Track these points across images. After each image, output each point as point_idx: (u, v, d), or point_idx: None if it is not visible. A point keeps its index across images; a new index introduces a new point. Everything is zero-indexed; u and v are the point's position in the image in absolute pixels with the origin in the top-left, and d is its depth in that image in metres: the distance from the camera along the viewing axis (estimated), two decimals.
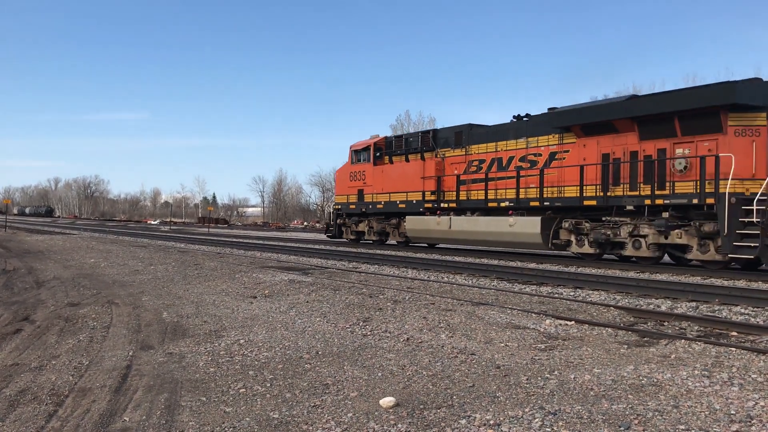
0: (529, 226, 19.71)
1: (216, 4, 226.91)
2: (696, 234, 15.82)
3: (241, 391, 5.70)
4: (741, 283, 13.01)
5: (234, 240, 33.52)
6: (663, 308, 10.20)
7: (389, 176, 26.03)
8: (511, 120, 21.88)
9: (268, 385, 5.87)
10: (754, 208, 14.48)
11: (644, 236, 16.98)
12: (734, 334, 8.16)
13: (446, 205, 23.48)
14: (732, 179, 14.94)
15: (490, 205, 21.64)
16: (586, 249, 18.60)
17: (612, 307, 10.14)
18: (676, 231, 16.21)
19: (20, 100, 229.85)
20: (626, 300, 11.12)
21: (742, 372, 6.01)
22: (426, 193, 24.06)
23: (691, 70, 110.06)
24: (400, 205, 25.24)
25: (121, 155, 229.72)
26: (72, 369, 6.69)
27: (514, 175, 20.75)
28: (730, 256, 15.02)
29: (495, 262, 18.42)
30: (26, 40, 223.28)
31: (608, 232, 17.78)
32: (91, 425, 4.89)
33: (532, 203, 20.06)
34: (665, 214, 16.47)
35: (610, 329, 8.30)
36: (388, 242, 27.11)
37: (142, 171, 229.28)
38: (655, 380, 5.75)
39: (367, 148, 27.31)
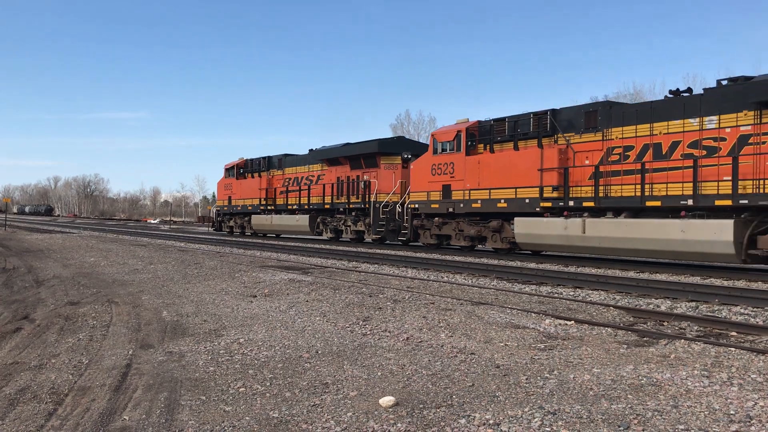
0: (303, 220, 32.09)
1: (216, 3, 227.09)
2: (364, 224, 28.20)
3: (240, 390, 5.70)
4: (741, 284, 13.01)
5: (233, 239, 33.52)
6: (662, 308, 10.20)
7: (244, 188, 38.06)
8: (308, 152, 33.69)
9: (268, 384, 5.87)
10: (380, 209, 26.64)
11: (349, 226, 29.51)
12: (734, 334, 8.17)
13: (271, 208, 35.37)
14: (378, 193, 27.13)
15: (275, 205, 35.07)
16: (329, 234, 31.11)
17: (611, 307, 10.14)
18: (359, 222, 28.66)
19: (20, 99, 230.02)
20: (626, 300, 11.13)
21: (741, 372, 6.01)
22: (260, 198, 35.89)
23: (691, 70, 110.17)
24: (249, 207, 37.19)
25: (120, 154, 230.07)
26: (72, 368, 6.69)
27: (298, 189, 33.14)
28: (373, 237, 27.31)
29: (495, 262, 18.43)
30: (26, 39, 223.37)
31: (335, 224, 30.44)
32: (90, 424, 4.89)
33: (306, 206, 32.19)
34: (353, 213, 29.02)
35: (609, 329, 8.30)
36: (243, 232, 38.72)
37: (141, 170, 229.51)
38: (655, 380, 5.75)
39: (233, 167, 39.20)
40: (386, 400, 5.20)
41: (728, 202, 14.79)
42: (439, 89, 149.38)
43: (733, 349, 7.00)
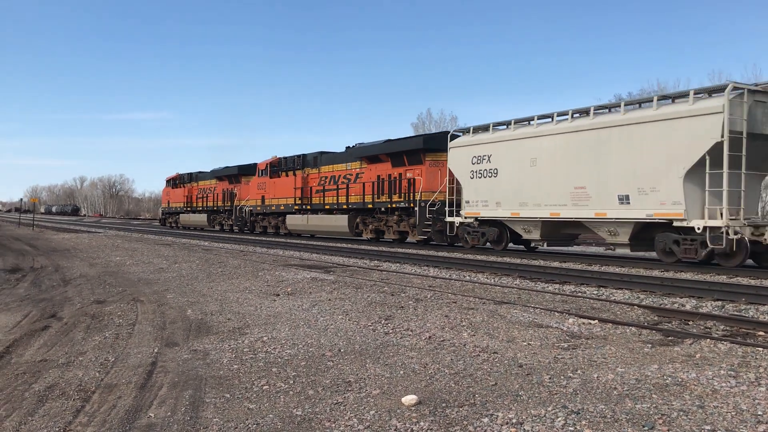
0: (204, 218, 46.68)
1: (237, 2, 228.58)
2: (231, 220, 42.10)
3: (264, 388, 5.74)
4: None
5: (257, 238, 33.72)
6: (688, 307, 10.09)
7: (177, 195, 51.92)
8: (210, 171, 47.60)
9: (291, 382, 5.91)
10: (238, 210, 40.35)
11: (225, 221, 43.85)
12: (761, 333, 8.05)
13: (189, 209, 49.53)
14: (239, 200, 40.70)
15: (192, 207, 49.70)
16: (217, 227, 45.03)
17: (636, 306, 10.06)
18: (230, 219, 42.51)
19: (46, 99, 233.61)
20: (650, 299, 11.02)
21: None
22: (184, 203, 50.10)
23: (716, 66, 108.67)
24: (179, 208, 51.40)
25: (145, 154, 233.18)
26: (98, 365, 6.78)
27: (203, 196, 47.53)
28: (235, 228, 41.12)
29: (518, 261, 18.33)
30: (51, 40, 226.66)
31: (220, 219, 44.99)
32: (117, 421, 4.96)
33: (206, 208, 46.63)
34: (227, 213, 43.13)
35: (633, 328, 8.24)
36: (177, 226, 51.92)
37: (165, 170, 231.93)
38: (680, 380, 5.69)
39: (170, 180, 53.73)
40: (409, 399, 5.21)
41: (345, 206, 29.50)
42: (461, 88, 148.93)
43: (760, 348, 6.91)
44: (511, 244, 21.86)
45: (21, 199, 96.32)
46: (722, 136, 14.47)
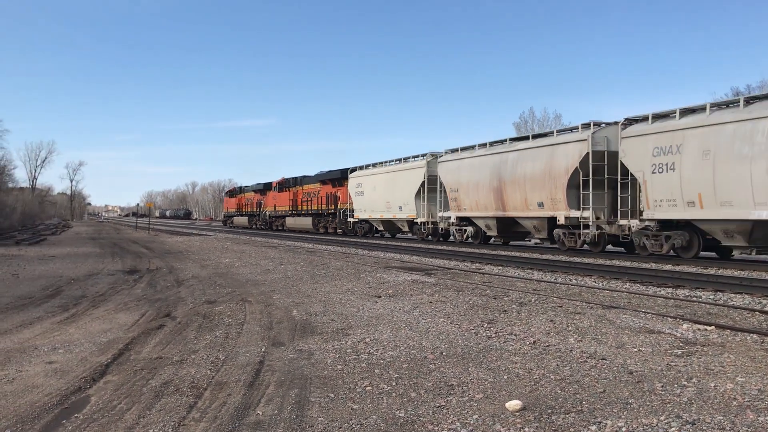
0: (245, 219, 66.30)
1: (337, 10, 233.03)
2: (259, 221, 61.09)
3: (367, 389, 5.78)
4: None
5: (358, 240, 34.20)
6: None
7: (232, 203, 70.42)
8: (253, 184, 65.03)
9: (394, 383, 5.92)
10: (264, 215, 59.59)
11: (258, 222, 61.78)
12: None
13: (238, 213, 68.58)
14: (265, 207, 59.55)
15: (240, 212, 69.52)
16: (254, 225, 62.05)
17: (757, 312, 9.45)
18: (261, 221, 61.01)
19: (160, 110, 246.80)
20: None
21: None
22: (236, 209, 68.67)
23: None
24: (232, 213, 69.97)
25: (252, 159, 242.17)
26: (209, 363, 7.04)
27: (248, 203, 66.78)
28: (260, 226, 62.42)
29: (627, 264, 17.67)
30: (163, 55, 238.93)
31: (254, 220, 62.47)
32: (227, 417, 5.13)
33: (249, 212, 65.77)
34: (260, 216, 61.21)
35: (755, 335, 7.74)
36: (232, 226, 69.12)
37: (272, 174, 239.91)
38: None
39: (228, 191, 76.53)
40: (513, 404, 5.11)
41: (310, 212, 46.73)
42: (568, 85, 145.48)
43: None
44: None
45: (137, 204, 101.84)
46: (424, 178, 30.98)
